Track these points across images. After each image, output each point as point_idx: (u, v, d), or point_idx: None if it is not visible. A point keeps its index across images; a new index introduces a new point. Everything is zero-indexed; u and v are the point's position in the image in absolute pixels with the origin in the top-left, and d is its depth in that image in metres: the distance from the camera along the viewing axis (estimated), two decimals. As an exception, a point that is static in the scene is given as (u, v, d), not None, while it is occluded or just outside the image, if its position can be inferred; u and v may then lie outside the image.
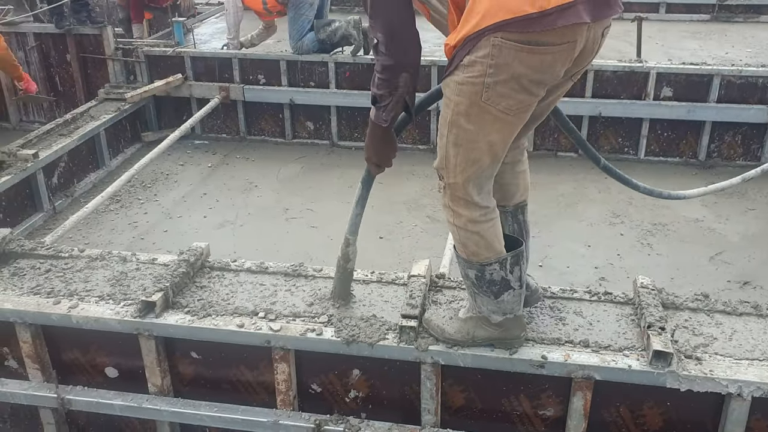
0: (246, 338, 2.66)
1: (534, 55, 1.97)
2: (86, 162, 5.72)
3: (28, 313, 2.80)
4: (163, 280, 2.82)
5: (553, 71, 2.05)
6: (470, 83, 2.05)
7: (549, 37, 1.95)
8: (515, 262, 2.36)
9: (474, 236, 2.30)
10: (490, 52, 1.98)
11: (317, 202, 5.45)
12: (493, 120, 2.10)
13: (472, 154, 2.17)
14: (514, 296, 2.41)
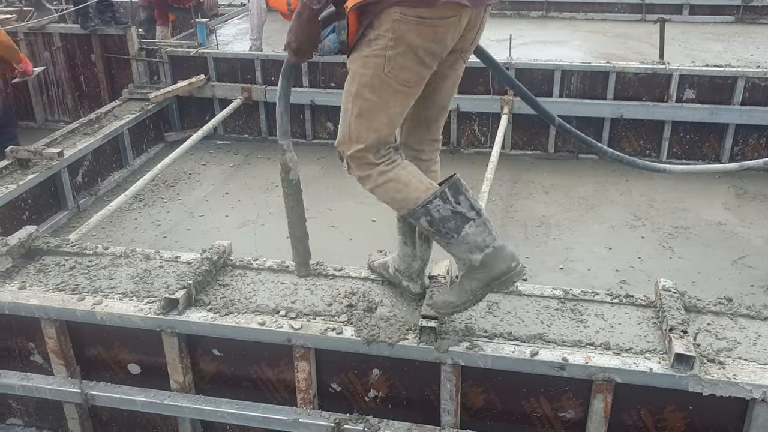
0: (267, 336, 2.68)
1: (428, 28, 2.18)
2: (110, 161, 5.80)
3: (53, 308, 2.84)
4: (186, 278, 2.85)
5: (444, 42, 2.24)
6: (374, 56, 2.23)
7: (439, 11, 2.16)
8: (456, 192, 2.36)
9: (390, 184, 2.37)
10: (391, 26, 2.17)
11: (336, 203, 5.47)
12: (394, 92, 2.27)
13: (373, 124, 2.31)
14: (477, 226, 2.36)
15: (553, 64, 6.12)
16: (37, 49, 7.03)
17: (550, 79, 6.12)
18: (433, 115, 2.56)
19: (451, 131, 6.41)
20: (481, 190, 4.67)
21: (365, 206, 5.41)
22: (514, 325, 2.68)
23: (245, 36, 7.74)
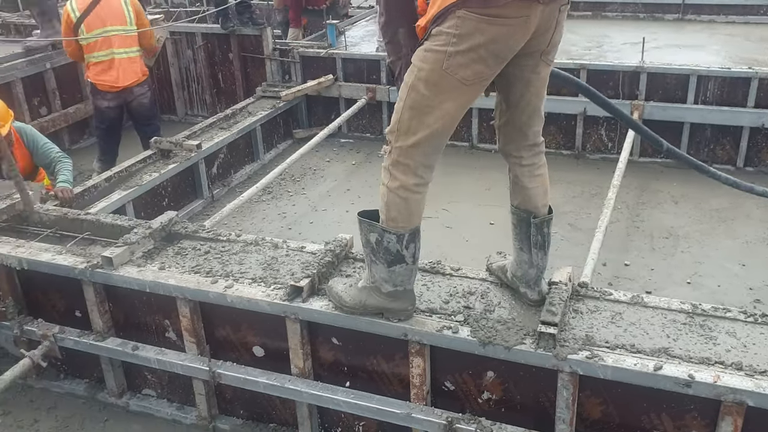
0: (384, 329, 2.74)
1: (492, 26, 2.16)
2: (243, 155, 6.12)
3: (189, 289, 3.05)
4: (310, 268, 2.97)
5: (508, 43, 2.22)
6: (434, 51, 2.23)
7: (505, 10, 2.14)
8: (412, 239, 2.52)
9: (401, 202, 2.44)
10: (455, 23, 2.17)
11: (453, 203, 5.48)
12: (451, 88, 2.26)
13: (425, 119, 2.31)
14: (406, 270, 2.57)
15: (689, 69, 5.83)
16: (181, 47, 7.51)
17: (685, 85, 5.82)
18: (525, 121, 2.53)
19: (577, 135, 6.25)
20: (607, 197, 4.52)
21: (483, 208, 5.39)
22: (638, 337, 2.59)
23: (372, 38, 7.90)
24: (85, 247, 3.42)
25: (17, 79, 6.44)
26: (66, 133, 6.90)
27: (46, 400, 3.56)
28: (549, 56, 2.41)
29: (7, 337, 3.58)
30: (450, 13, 2.17)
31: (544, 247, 2.72)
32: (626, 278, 4.42)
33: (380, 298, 2.66)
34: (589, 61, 6.25)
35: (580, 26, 8.73)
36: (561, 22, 2.33)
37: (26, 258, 3.29)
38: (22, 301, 3.53)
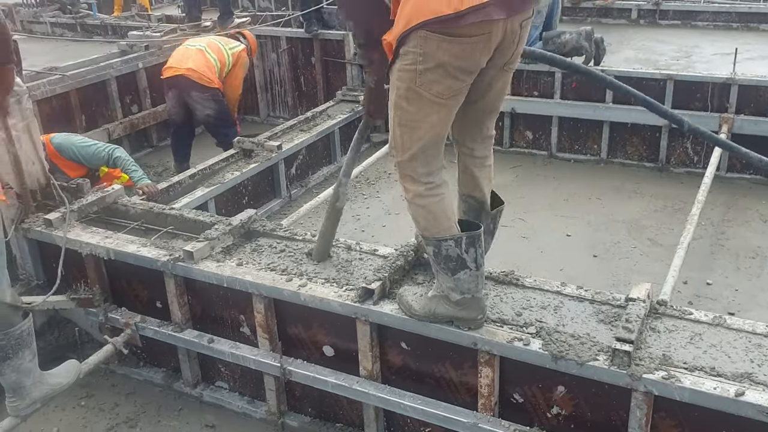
0: (454, 337, 2.73)
1: (454, 45, 2.24)
2: (321, 156, 6.22)
3: (264, 286, 3.12)
4: (382, 271, 2.99)
5: (473, 59, 2.30)
6: (406, 70, 2.33)
7: (465, 30, 2.21)
8: (470, 243, 2.54)
9: (421, 210, 2.53)
10: (418, 42, 2.26)
11: (529, 213, 5.40)
12: (430, 103, 2.35)
13: (415, 133, 2.42)
14: (471, 276, 2.57)
15: (786, 81, 5.55)
16: (266, 50, 7.71)
17: (781, 98, 5.55)
18: (481, 117, 2.67)
19: (661, 148, 6.05)
20: (690, 212, 4.36)
21: (560, 219, 5.29)
22: (719, 359, 2.49)
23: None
24: (168, 240, 3.56)
25: (112, 77, 6.77)
26: (154, 130, 7.21)
27: (126, 386, 3.73)
28: (511, 65, 2.51)
29: (92, 323, 3.77)
30: (412, 33, 2.26)
31: (492, 234, 2.93)
32: (708, 298, 4.24)
33: (449, 306, 2.68)
34: (676, 72, 6.04)
35: (669, 35, 8.46)
36: (523, 36, 2.42)
37: (113, 249, 3.45)
38: (108, 290, 3.70)
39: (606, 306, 2.84)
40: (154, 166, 6.74)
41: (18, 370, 2.94)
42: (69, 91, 6.38)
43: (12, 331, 2.88)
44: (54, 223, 3.62)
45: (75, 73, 6.52)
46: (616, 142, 6.32)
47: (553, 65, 3.29)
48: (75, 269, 3.69)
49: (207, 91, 5.66)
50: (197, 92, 5.64)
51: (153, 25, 8.25)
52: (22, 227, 3.70)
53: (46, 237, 3.64)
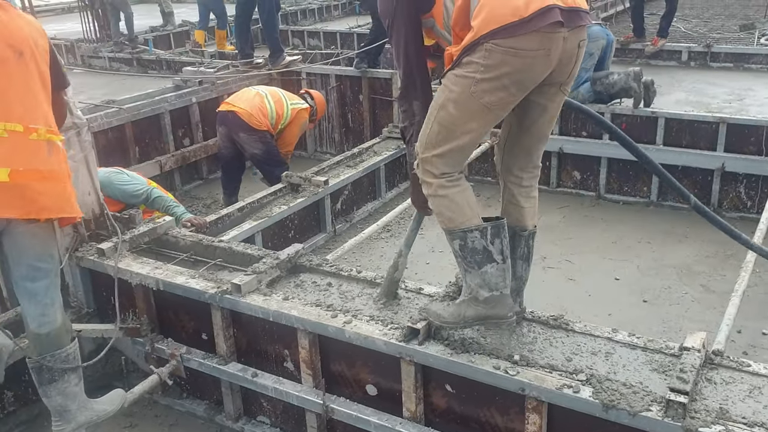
0: (501, 381, 2.68)
1: (517, 59, 2.36)
2: (366, 192, 6.26)
3: (309, 322, 3.12)
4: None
5: (532, 74, 2.42)
6: (464, 76, 2.43)
7: (528, 43, 2.34)
8: (495, 233, 2.59)
9: (444, 200, 2.59)
10: (483, 54, 2.37)
11: (577, 255, 5.31)
12: (476, 110, 2.46)
13: (451, 135, 2.52)
14: (498, 270, 2.61)
15: None
16: (315, 87, 7.85)
17: None
18: (533, 144, 2.75)
19: (713, 192, 5.92)
20: (745, 259, 4.23)
21: (608, 262, 5.19)
22: (781, 417, 2.38)
23: (500, 82, 7.94)
24: (216, 272, 3.60)
25: (166, 111, 6.97)
26: (204, 163, 7.37)
27: (169, 417, 3.74)
28: (566, 86, 2.61)
29: (138, 352, 3.81)
30: (479, 45, 2.37)
31: (528, 260, 2.92)
32: (764, 348, 4.09)
33: (478, 307, 2.67)
34: (729, 115, 5.94)
35: (720, 78, 8.34)
36: (581, 57, 2.55)
37: (162, 279, 3.51)
38: (155, 320, 3.75)
39: (659, 354, 2.75)
40: (203, 198, 6.87)
41: (63, 394, 2.99)
42: (124, 124, 6.59)
43: (59, 353, 2.95)
44: (106, 252, 3.70)
45: (131, 106, 6.74)
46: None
47: (581, 113, 3.46)
48: (124, 298, 3.75)
49: (255, 133, 5.76)
50: (244, 133, 5.75)
51: (206, 61, 8.49)
52: (76, 255, 3.79)
53: (98, 266, 3.72)
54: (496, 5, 2.36)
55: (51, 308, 2.91)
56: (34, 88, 2.78)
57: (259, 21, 8.68)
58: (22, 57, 2.74)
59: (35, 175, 2.74)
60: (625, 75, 6.14)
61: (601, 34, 6.33)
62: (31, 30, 2.84)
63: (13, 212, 2.70)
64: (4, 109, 2.68)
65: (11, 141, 2.68)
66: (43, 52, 2.86)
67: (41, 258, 2.86)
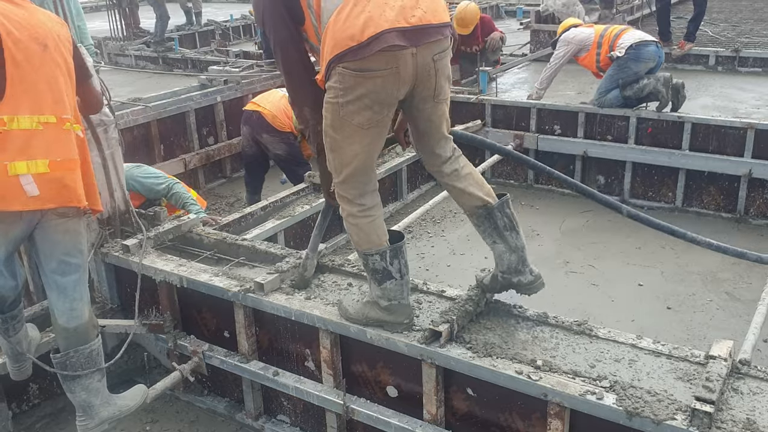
0: (523, 386, 2.66)
1: (367, 80, 2.48)
2: (387, 193, 6.26)
3: (331, 322, 3.12)
4: (450, 313, 2.95)
5: (387, 92, 2.53)
6: (331, 102, 2.59)
7: (374, 63, 2.45)
8: (394, 255, 2.82)
9: (354, 228, 2.81)
10: (338, 78, 2.52)
11: (600, 260, 5.27)
12: (353, 131, 2.60)
13: (344, 158, 2.67)
14: (396, 285, 2.85)
15: None
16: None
17: None
18: (434, 144, 2.84)
19: (740, 198, 5.84)
20: (773, 268, 4.17)
21: (633, 267, 5.15)
22: (810, 429, 2.34)
23: (523, 85, 7.89)
24: (239, 271, 3.62)
25: (191, 109, 7.03)
26: (228, 162, 7.42)
27: (190, 413, 3.77)
28: (441, 97, 2.70)
29: (161, 349, 3.85)
30: (332, 69, 2.51)
31: (515, 228, 2.94)
32: (792, 359, 4.02)
33: (379, 311, 2.93)
34: (758, 121, 5.86)
35: (749, 83, 8.22)
36: (440, 69, 2.61)
37: (186, 277, 3.53)
38: (178, 317, 3.78)
39: (684, 362, 2.72)
40: (226, 197, 6.92)
41: (87, 389, 3.03)
42: (150, 122, 6.66)
43: (84, 348, 2.98)
44: (131, 249, 3.74)
45: (157, 104, 6.81)
46: (692, 190, 6.15)
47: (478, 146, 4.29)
48: (148, 295, 3.79)
49: (278, 134, 5.78)
50: (267, 134, 5.76)
51: (231, 61, 8.55)
52: (101, 252, 3.84)
53: (123, 262, 3.76)
54: (336, 30, 2.47)
55: (79, 303, 2.95)
56: (60, 79, 2.84)
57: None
58: (47, 49, 2.79)
59: (71, 164, 2.82)
60: (655, 80, 6.07)
61: (653, 56, 6.17)
62: (53, 23, 2.90)
63: (56, 202, 2.77)
64: (36, 103, 2.74)
65: (46, 133, 2.75)
66: (66, 43, 2.92)
67: (71, 253, 2.90)
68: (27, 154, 2.69)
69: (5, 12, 2.71)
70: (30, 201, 2.71)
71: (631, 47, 6.13)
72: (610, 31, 6.42)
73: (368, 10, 2.45)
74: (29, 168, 2.69)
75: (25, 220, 2.79)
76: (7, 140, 2.67)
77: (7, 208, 2.69)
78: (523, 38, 10.55)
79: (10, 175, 2.66)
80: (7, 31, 2.67)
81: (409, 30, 2.47)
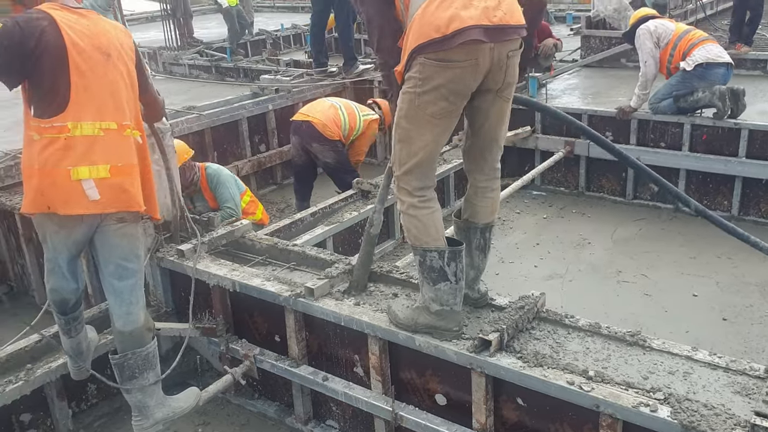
0: (575, 397, 2.63)
1: (447, 70, 2.61)
2: (435, 200, 6.25)
3: (380, 328, 3.14)
4: (499, 323, 2.94)
5: (464, 83, 2.65)
6: (408, 92, 2.70)
7: (456, 55, 2.58)
8: (452, 257, 2.83)
9: (413, 220, 2.84)
10: (418, 69, 2.64)
11: (653, 269, 5.16)
12: (425, 122, 2.71)
13: (411, 148, 2.76)
14: (450, 288, 2.86)
15: None
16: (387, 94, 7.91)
17: None
18: (485, 147, 2.95)
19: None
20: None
21: (687, 277, 5.03)
22: None
23: (574, 91, 7.79)
24: (290, 276, 3.67)
25: (244, 118, 7.17)
26: (279, 169, 7.54)
27: (240, 417, 3.84)
28: (504, 93, 2.80)
29: (213, 352, 3.93)
30: (413, 60, 2.64)
31: (485, 251, 3.12)
32: None
33: (429, 316, 2.94)
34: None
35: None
36: (511, 66, 2.73)
37: (239, 281, 3.60)
38: (231, 321, 3.86)
39: (742, 376, 2.65)
40: (277, 203, 7.03)
41: (143, 390, 3.11)
42: (204, 129, 6.82)
43: (140, 350, 3.06)
44: (186, 253, 3.83)
45: (210, 112, 6.96)
46: (749, 198, 5.97)
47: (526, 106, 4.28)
48: (201, 299, 3.87)
49: (327, 143, 5.84)
50: (317, 143, 5.84)
51: (282, 70, 8.68)
52: (157, 256, 3.94)
53: (178, 267, 3.86)
54: (422, 23, 2.60)
55: (135, 307, 3.04)
56: (122, 87, 2.94)
57: (334, 30, 8.81)
58: (110, 58, 2.89)
59: (130, 169, 2.92)
60: (710, 93, 5.89)
61: (720, 78, 5.95)
62: (117, 33, 3.00)
63: (116, 206, 2.87)
64: (98, 110, 2.84)
65: (107, 138, 2.85)
66: (129, 52, 3.02)
67: (128, 258, 3.00)
68: (89, 159, 2.80)
69: (69, 22, 2.81)
70: (91, 205, 2.81)
71: (700, 65, 5.91)
72: (689, 37, 6.09)
73: (455, 6, 2.58)
74: (91, 173, 2.79)
75: (86, 224, 2.89)
76: (70, 146, 2.77)
77: (70, 212, 2.80)
78: (573, 44, 10.42)
79: (73, 180, 2.77)
80: (72, 41, 2.78)
81: (491, 28, 2.60)
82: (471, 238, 3.07)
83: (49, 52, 2.72)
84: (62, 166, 2.76)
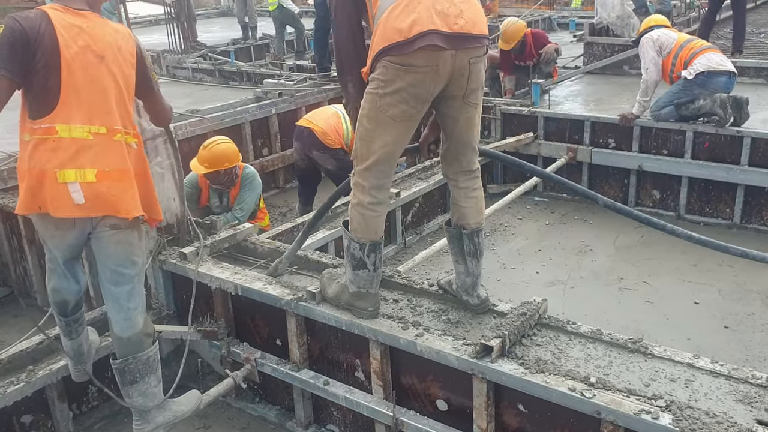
0: (576, 404, 2.63)
1: (408, 74, 2.71)
2: (436, 205, 6.26)
3: (381, 333, 3.14)
4: (501, 328, 2.94)
5: (424, 87, 2.75)
6: (371, 93, 2.82)
7: (416, 60, 2.68)
8: (372, 250, 3.05)
9: (358, 216, 3.01)
10: (381, 71, 2.76)
11: (655, 276, 5.16)
12: (385, 123, 2.82)
13: (371, 147, 2.89)
14: (368, 276, 3.11)
15: None
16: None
17: None
18: (459, 150, 3.04)
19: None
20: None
21: (688, 285, 5.03)
22: None
23: (576, 97, 7.80)
24: (292, 279, 3.67)
25: (247, 121, 7.18)
26: (282, 173, 7.54)
27: (241, 420, 3.83)
28: (469, 99, 2.89)
29: (215, 355, 3.93)
30: (377, 62, 2.74)
31: (477, 256, 3.16)
32: None
33: (349, 296, 3.18)
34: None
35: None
36: (474, 72, 2.82)
37: (241, 284, 3.61)
38: (232, 324, 3.86)
39: (744, 384, 2.65)
40: (279, 207, 7.03)
41: (144, 394, 3.10)
42: (207, 133, 6.81)
43: (141, 355, 3.05)
44: (188, 256, 3.83)
45: (213, 116, 6.97)
46: (751, 206, 5.97)
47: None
48: (203, 302, 3.88)
49: (327, 151, 5.83)
50: (317, 151, 5.83)
51: (285, 74, 8.70)
52: (159, 259, 3.95)
53: (180, 269, 3.86)
54: (387, 27, 2.71)
55: (133, 313, 3.01)
56: (114, 90, 2.87)
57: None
58: (104, 60, 2.83)
59: (118, 174, 2.86)
60: (711, 101, 5.89)
61: (721, 87, 5.95)
62: (117, 36, 2.92)
63: (100, 211, 2.82)
64: (87, 113, 2.79)
65: (96, 143, 2.80)
66: (128, 56, 2.94)
67: (124, 264, 2.96)
68: (76, 162, 2.75)
69: (64, 23, 2.76)
70: (76, 209, 2.77)
71: (701, 74, 5.91)
72: (691, 46, 6.10)
73: (417, 11, 2.69)
74: (77, 176, 2.75)
75: (78, 229, 2.86)
76: (58, 148, 2.74)
77: (54, 214, 2.77)
78: (576, 51, 10.44)
79: (60, 182, 2.74)
80: (65, 41, 2.74)
81: (452, 35, 2.70)
82: (462, 245, 3.15)
83: (43, 51, 2.70)
84: (49, 168, 2.73)
